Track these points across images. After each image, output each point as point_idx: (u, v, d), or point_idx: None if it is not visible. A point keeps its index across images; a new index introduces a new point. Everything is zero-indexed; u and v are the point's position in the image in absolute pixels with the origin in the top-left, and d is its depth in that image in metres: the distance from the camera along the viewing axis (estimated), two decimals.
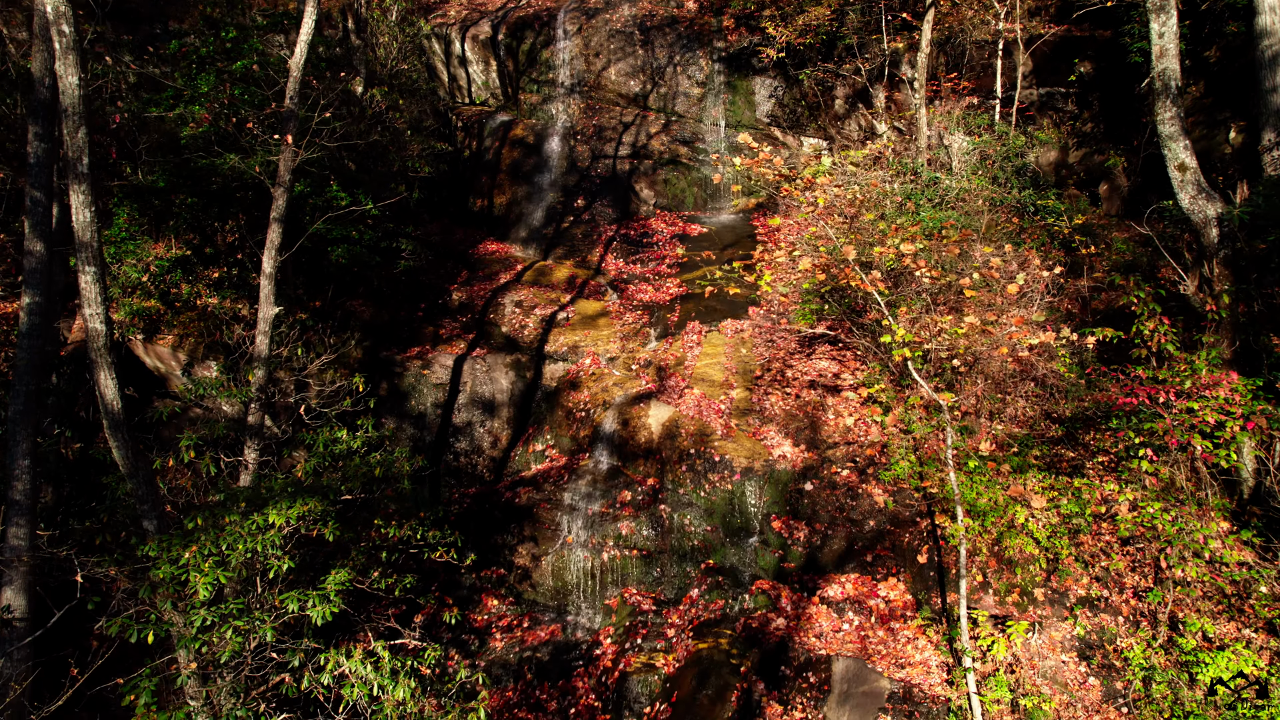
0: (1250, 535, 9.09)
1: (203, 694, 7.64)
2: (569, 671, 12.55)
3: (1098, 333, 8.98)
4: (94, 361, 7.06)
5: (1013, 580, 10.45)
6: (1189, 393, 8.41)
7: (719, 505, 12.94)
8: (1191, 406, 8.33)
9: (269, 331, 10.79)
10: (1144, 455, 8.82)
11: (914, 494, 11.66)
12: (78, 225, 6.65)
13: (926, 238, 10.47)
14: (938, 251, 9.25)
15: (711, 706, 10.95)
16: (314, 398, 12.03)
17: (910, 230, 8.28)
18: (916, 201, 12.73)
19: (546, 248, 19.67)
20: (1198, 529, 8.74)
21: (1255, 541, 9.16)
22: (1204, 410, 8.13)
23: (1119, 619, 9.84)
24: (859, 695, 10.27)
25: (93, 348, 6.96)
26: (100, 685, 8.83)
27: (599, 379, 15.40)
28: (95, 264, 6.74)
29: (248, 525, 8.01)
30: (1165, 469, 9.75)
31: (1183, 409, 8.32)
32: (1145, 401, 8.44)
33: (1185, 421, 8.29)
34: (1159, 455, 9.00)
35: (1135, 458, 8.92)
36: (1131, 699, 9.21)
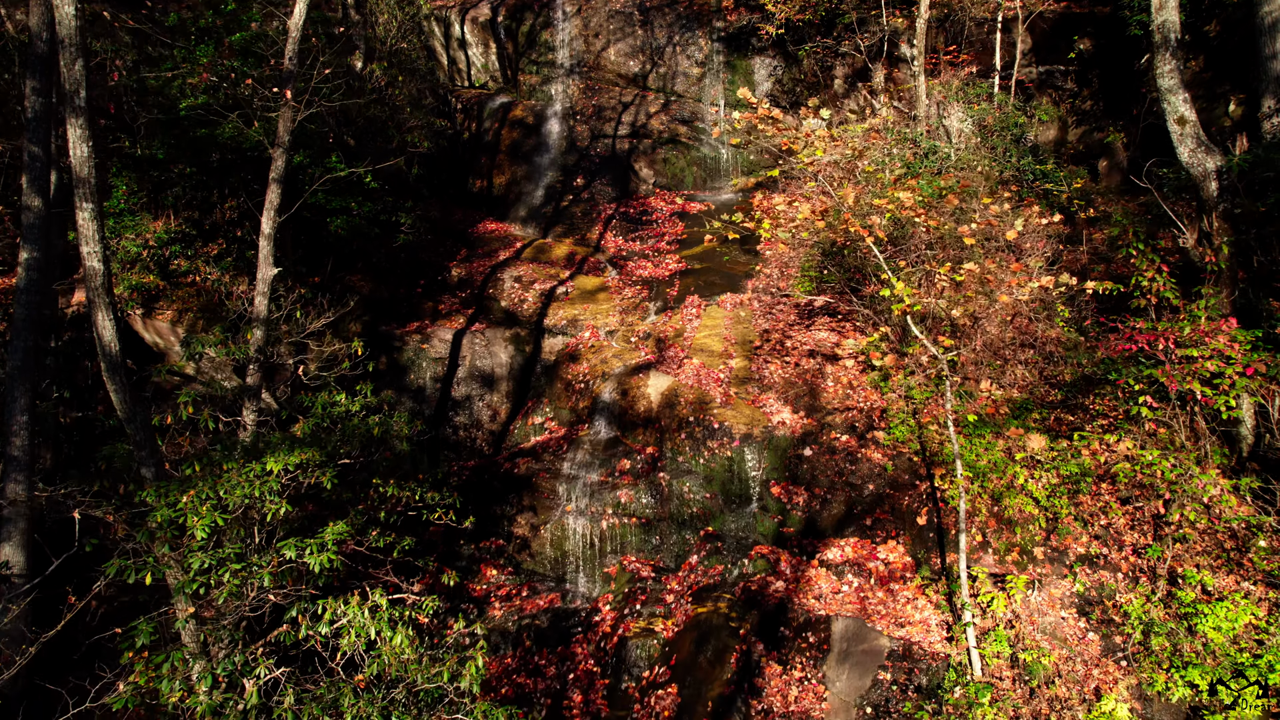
0: (1249, 481, 9.06)
1: (200, 637, 7.62)
2: (568, 638, 12.52)
3: (1097, 285, 8.97)
4: (92, 301, 7.04)
5: (1012, 539, 10.43)
6: (1188, 340, 8.40)
7: (718, 472, 12.92)
8: (1191, 354, 8.32)
9: (267, 293, 10.77)
10: (1144, 402, 8.80)
11: (913, 457, 11.65)
12: (75, 160, 6.63)
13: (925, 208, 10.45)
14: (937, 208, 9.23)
15: (711, 668, 10.93)
16: (313, 361, 12.02)
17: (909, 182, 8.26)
18: (915, 170, 12.72)
19: (546, 226, 19.66)
20: (1197, 474, 8.73)
21: (1254, 486, 9.12)
22: (1203, 358, 8.12)
23: (1118, 575, 9.83)
24: (858, 654, 10.26)
25: (90, 287, 6.95)
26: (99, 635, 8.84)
27: (598, 351, 15.39)
28: (92, 200, 6.72)
29: (245, 472, 8.00)
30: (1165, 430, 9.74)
31: (1182, 355, 8.31)
32: (1145, 348, 8.42)
33: (1185, 368, 8.28)
34: (1159, 403, 8.98)
35: (1135, 404, 8.90)
36: (1131, 652, 9.19)
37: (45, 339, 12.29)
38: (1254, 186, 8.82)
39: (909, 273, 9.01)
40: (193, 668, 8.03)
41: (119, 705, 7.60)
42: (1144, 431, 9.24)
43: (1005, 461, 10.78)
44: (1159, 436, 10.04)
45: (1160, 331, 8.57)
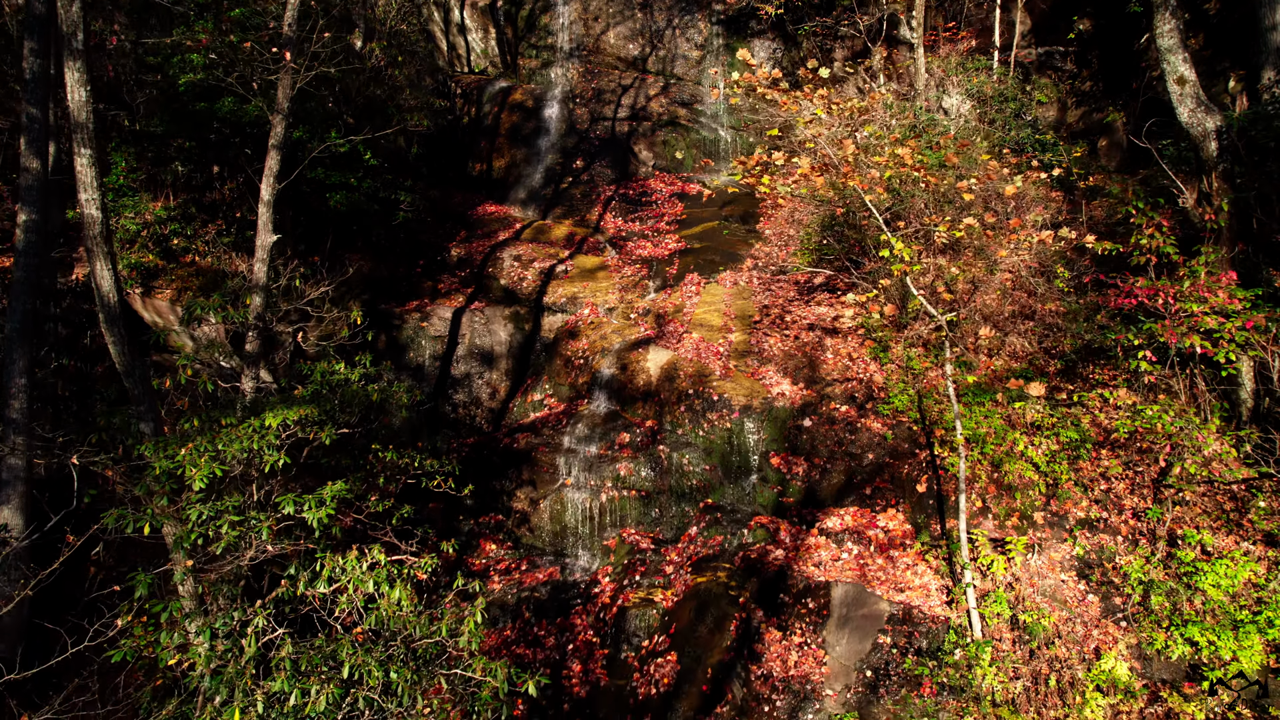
0: (1249, 432, 9.04)
1: (197, 590, 7.61)
2: (567, 609, 12.50)
3: (1096, 245, 8.95)
4: (90, 250, 7.03)
5: (1012, 505, 10.42)
6: (1188, 295, 8.39)
7: (717, 444, 12.91)
8: (1190, 308, 8.31)
9: (266, 260, 10.77)
10: (1143, 357, 8.79)
11: (913, 426, 11.64)
12: (73, 104, 6.62)
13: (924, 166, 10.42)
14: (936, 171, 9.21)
15: (710, 636, 10.91)
16: (312, 331, 12.00)
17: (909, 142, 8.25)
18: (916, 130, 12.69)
19: (545, 208, 19.65)
20: (1197, 424, 8.71)
21: (1254, 438, 9.09)
22: (1203, 313, 8.11)
23: (1118, 538, 9.81)
24: (858, 618, 10.24)
25: (88, 235, 6.94)
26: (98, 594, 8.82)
27: (597, 327, 15.38)
28: (90, 146, 6.71)
29: (244, 428, 7.99)
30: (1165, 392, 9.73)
31: (1181, 309, 8.30)
32: (1144, 303, 8.41)
33: (1185, 322, 8.26)
34: (1158, 359, 8.96)
35: (1134, 359, 8.89)
36: (1130, 613, 9.18)
37: (45, 305, 12.28)
38: (1254, 146, 8.81)
39: (908, 234, 9.00)
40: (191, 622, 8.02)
41: (118, 657, 7.59)
42: (1144, 390, 9.22)
43: (1005, 428, 10.77)
44: (1160, 401, 10.03)
45: (1160, 287, 8.55)
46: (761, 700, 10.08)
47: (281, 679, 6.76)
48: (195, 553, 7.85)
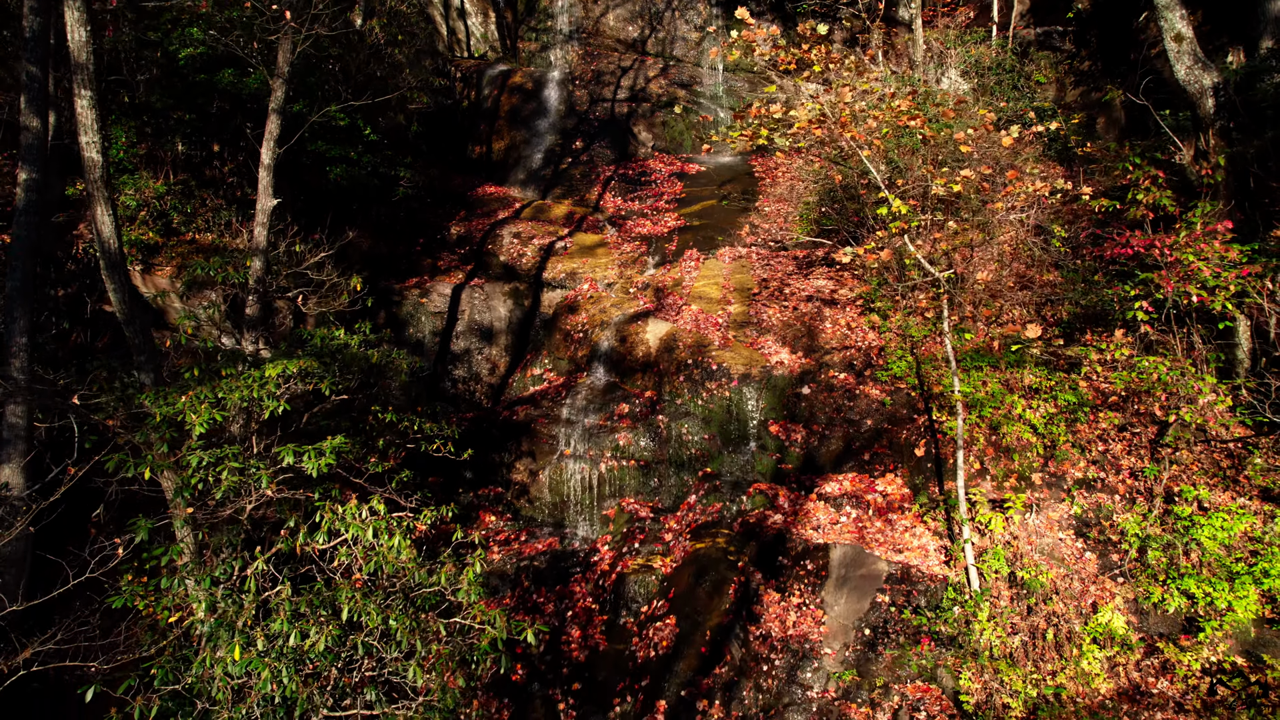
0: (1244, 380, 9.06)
1: (198, 535, 7.64)
2: (566, 577, 12.53)
3: (1094, 202, 8.97)
4: (91, 195, 7.06)
5: (1010, 466, 10.45)
6: (1183, 245, 8.42)
7: (716, 413, 12.94)
8: (1186, 258, 8.34)
9: (267, 223, 10.79)
10: (1139, 307, 8.82)
11: (911, 392, 11.67)
12: (73, 45, 6.64)
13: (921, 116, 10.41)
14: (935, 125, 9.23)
15: (709, 599, 10.94)
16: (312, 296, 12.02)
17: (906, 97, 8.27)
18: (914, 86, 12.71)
19: (545, 188, 19.68)
20: (1192, 373, 8.74)
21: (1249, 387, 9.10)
22: (1198, 261, 8.14)
23: (1115, 497, 9.84)
24: (856, 578, 10.27)
25: (89, 180, 6.96)
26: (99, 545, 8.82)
27: (597, 301, 15.42)
28: (90, 87, 6.73)
29: (244, 378, 8.03)
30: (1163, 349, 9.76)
31: (1177, 259, 8.33)
32: (1140, 252, 8.44)
33: (1180, 271, 8.30)
34: (1154, 308, 8.99)
35: (1131, 309, 8.92)
36: (1127, 569, 9.20)
37: (45, 268, 12.30)
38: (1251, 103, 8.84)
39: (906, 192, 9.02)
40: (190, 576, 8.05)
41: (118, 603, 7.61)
42: (1142, 347, 9.24)
43: (1003, 392, 10.80)
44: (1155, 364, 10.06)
45: (1155, 239, 8.58)
46: (760, 660, 10.11)
47: (281, 619, 6.78)
48: (195, 501, 7.87)
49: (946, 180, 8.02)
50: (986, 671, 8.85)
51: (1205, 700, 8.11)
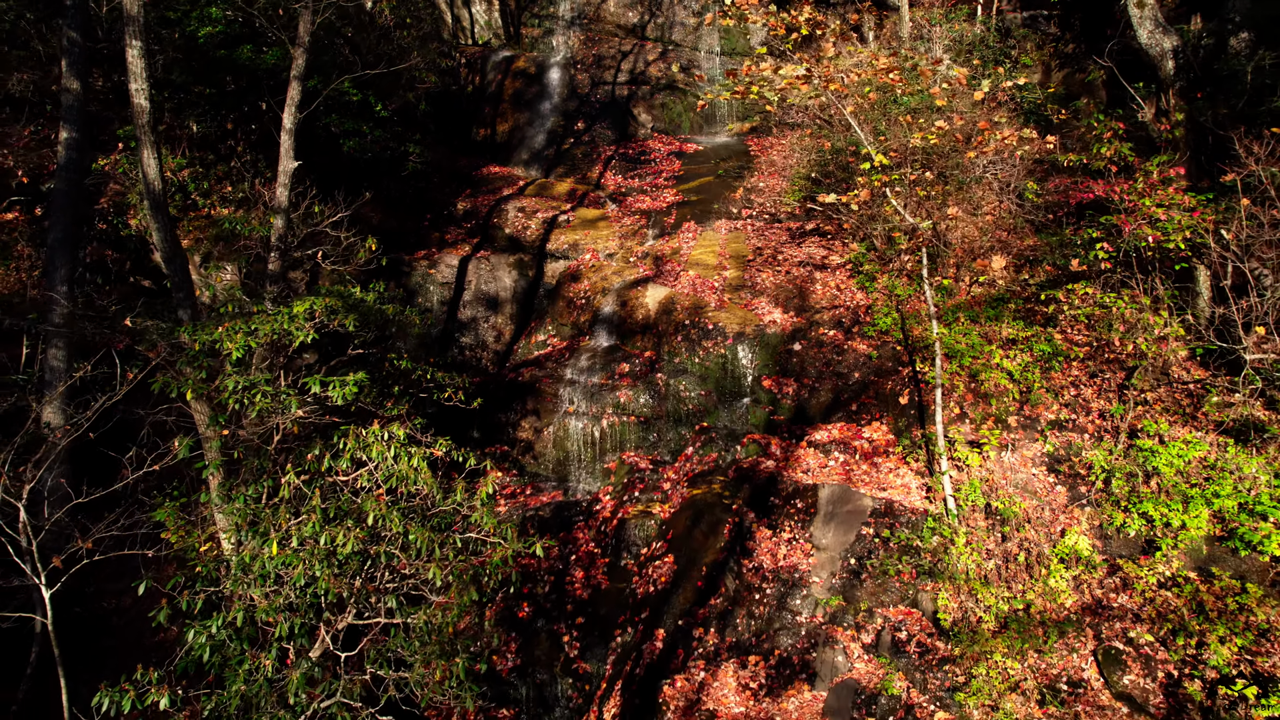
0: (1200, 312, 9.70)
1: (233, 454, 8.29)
2: (570, 525, 13.20)
3: (1062, 157, 9.64)
4: (138, 139, 7.73)
5: (988, 410, 11.12)
6: (1141, 192, 9.09)
7: (713, 370, 13.61)
8: (1144, 203, 9.00)
9: (288, 184, 11.46)
10: (1100, 248, 9.49)
11: (896, 346, 12.34)
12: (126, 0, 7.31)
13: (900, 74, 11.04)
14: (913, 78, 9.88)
15: (705, 539, 11.61)
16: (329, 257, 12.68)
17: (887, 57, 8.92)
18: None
19: (548, 167, 20.36)
20: (1148, 307, 9.40)
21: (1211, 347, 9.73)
22: (1154, 205, 8.80)
23: (1085, 436, 10.51)
24: (843, 514, 10.94)
25: (138, 124, 7.63)
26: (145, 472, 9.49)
27: (598, 270, 16.09)
28: (139, 39, 7.40)
29: (275, 314, 8.69)
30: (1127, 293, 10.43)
31: (1135, 203, 9.00)
32: (1101, 197, 9.11)
33: (1138, 214, 8.96)
34: (1114, 249, 9.65)
35: (1092, 250, 9.58)
36: (1093, 498, 9.87)
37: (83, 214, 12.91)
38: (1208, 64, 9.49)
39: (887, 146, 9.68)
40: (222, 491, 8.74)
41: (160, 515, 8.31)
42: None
43: (982, 343, 11.47)
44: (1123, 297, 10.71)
45: (1115, 184, 9.25)
46: (753, 589, 10.78)
47: (313, 522, 7.45)
48: (229, 424, 8.53)
49: (923, 132, 8.68)
50: (962, 592, 9.52)
51: (1159, 610, 8.78)
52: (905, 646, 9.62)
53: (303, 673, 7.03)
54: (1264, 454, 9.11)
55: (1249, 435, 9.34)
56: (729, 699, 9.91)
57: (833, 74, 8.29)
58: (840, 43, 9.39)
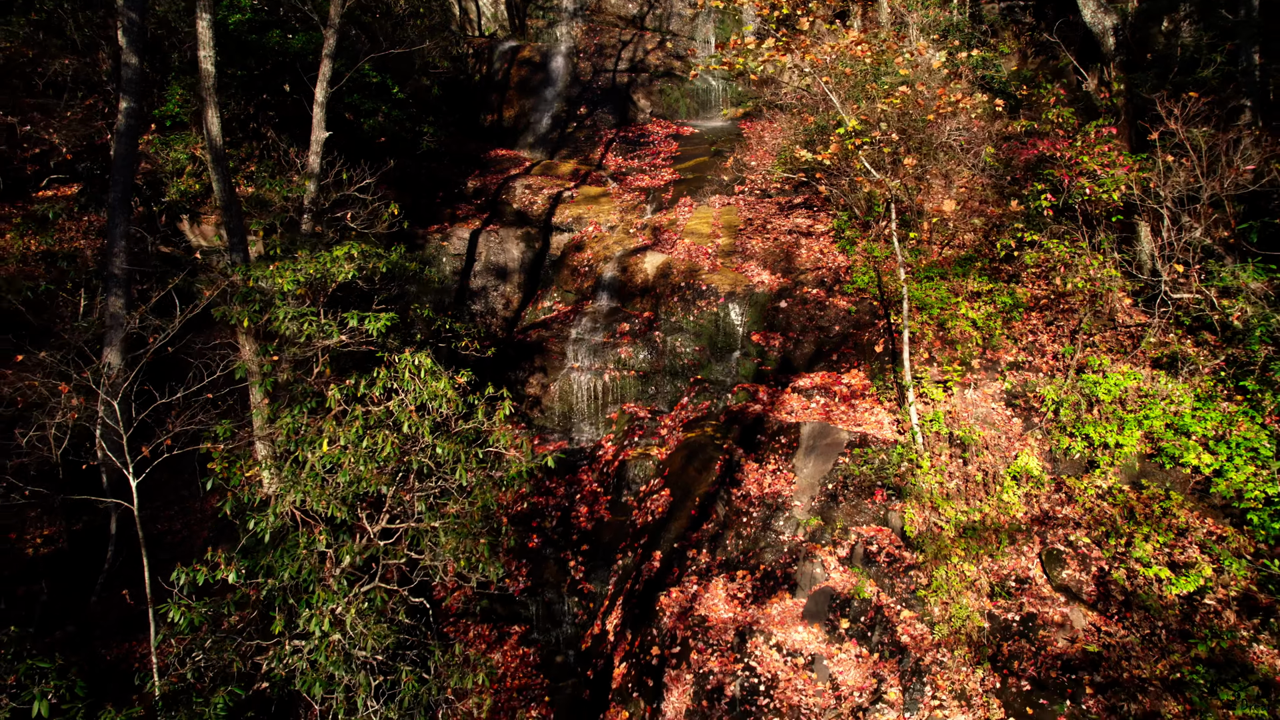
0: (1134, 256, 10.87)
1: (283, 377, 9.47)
2: (575, 469, 14.38)
3: (1017, 124, 10.81)
4: (203, 99, 8.91)
5: (953, 355, 12.30)
6: (1079, 149, 10.25)
7: (706, 327, 14.79)
8: (1082, 159, 10.17)
9: (320, 152, 12.66)
10: (1045, 199, 10.66)
11: (873, 301, 13.52)
12: None
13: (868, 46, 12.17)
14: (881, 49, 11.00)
15: (699, 474, 12.79)
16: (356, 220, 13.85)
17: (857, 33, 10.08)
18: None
19: (552, 150, 21.55)
20: (1086, 249, 10.58)
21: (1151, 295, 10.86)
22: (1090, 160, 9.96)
23: (1039, 374, 11.69)
24: (822, 446, 12.12)
25: (203, 87, 8.80)
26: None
27: (600, 240, 17.27)
28: (209, 12, 8.56)
29: (318, 256, 9.88)
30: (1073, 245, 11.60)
31: (1074, 158, 10.17)
32: (1044, 153, 10.28)
33: (1077, 168, 10.13)
34: (1056, 196, 10.80)
35: (1037, 199, 10.76)
36: (1044, 427, 11.05)
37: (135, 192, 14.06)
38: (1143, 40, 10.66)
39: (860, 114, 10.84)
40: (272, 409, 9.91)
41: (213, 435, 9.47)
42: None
43: (950, 297, 12.66)
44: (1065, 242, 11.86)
45: (1056, 142, 10.42)
46: (741, 514, 11.96)
47: (356, 428, 8.63)
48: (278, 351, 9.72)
49: (890, 98, 9.83)
50: (927, 508, 10.70)
51: (1096, 518, 9.95)
52: (876, 557, 10.80)
53: (350, 547, 8.21)
54: (1188, 382, 10.29)
55: (1177, 367, 10.51)
56: (719, 607, 11.09)
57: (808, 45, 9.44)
58: (817, 20, 10.54)
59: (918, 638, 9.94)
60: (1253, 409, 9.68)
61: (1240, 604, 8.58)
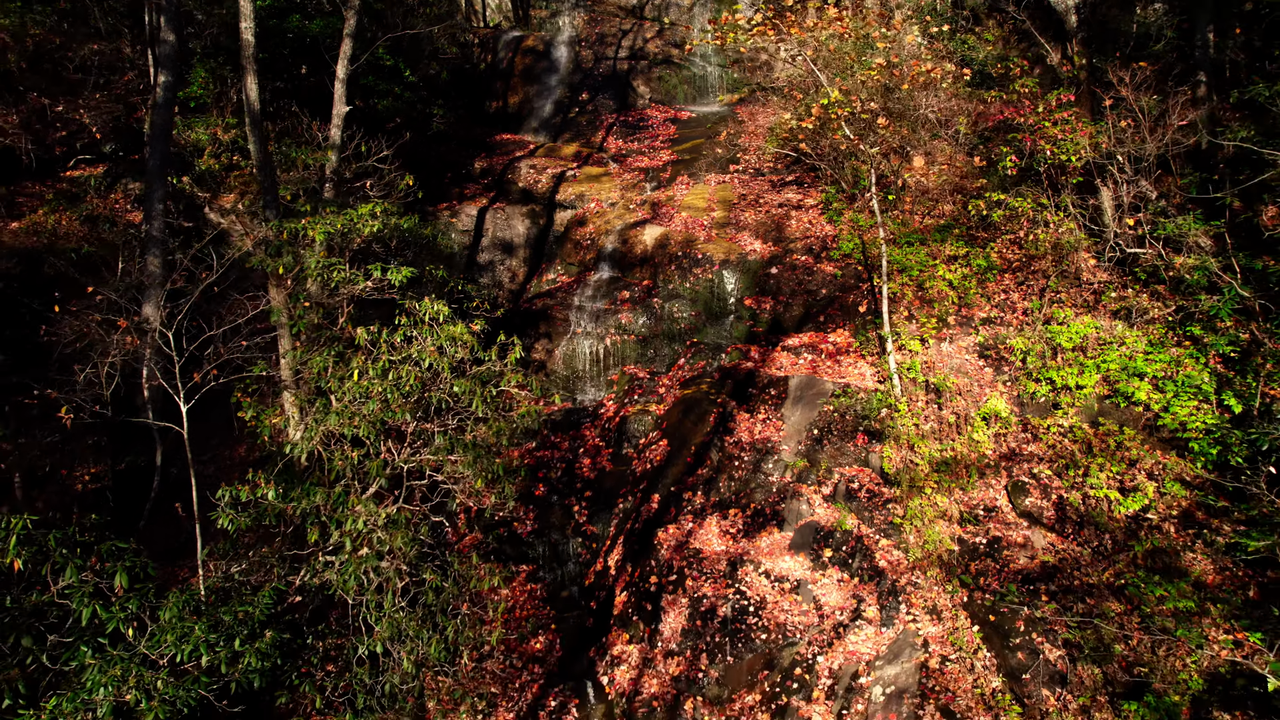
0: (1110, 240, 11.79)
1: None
2: (578, 425, 15.29)
3: (986, 94, 11.71)
4: (243, 68, 9.81)
5: (931, 312, 13.21)
6: (1041, 115, 11.15)
7: (701, 293, 15.72)
8: (1044, 125, 11.08)
9: (341, 125, 13.57)
10: (1010, 160, 11.58)
11: (858, 266, 14.44)
12: None
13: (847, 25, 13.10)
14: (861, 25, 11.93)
15: (694, 426, 13.71)
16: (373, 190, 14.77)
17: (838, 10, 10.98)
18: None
19: (555, 133, 22.48)
20: (1048, 204, 11.48)
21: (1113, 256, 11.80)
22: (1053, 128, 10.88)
23: (1010, 328, 12.61)
24: (809, 396, 13.04)
25: (244, 56, 9.70)
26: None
27: (602, 216, 18.20)
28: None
29: (345, 212, 10.79)
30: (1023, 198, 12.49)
31: (1036, 124, 11.08)
32: (1009, 118, 11.19)
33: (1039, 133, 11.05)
34: (1020, 159, 11.71)
35: (1004, 161, 11.69)
36: (1013, 374, 11.97)
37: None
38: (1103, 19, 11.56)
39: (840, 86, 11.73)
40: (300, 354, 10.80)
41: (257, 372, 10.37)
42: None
43: (929, 260, 13.58)
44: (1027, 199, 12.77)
45: (1022, 108, 11.33)
46: (733, 459, 12.87)
47: (383, 361, 9.54)
48: (309, 299, 10.63)
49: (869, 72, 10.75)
50: (904, 448, 11.62)
51: (1058, 453, 10.87)
52: (857, 494, 11.72)
53: (377, 466, 9.12)
54: (1142, 330, 11.21)
55: (1133, 317, 11.43)
56: (712, 541, 12.00)
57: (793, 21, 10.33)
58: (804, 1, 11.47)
59: (894, 563, 10.85)
60: (1197, 351, 10.60)
61: (1179, 520, 9.50)
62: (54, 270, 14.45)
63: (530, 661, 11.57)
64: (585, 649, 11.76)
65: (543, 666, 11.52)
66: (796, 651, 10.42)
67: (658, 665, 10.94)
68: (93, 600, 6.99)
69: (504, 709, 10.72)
